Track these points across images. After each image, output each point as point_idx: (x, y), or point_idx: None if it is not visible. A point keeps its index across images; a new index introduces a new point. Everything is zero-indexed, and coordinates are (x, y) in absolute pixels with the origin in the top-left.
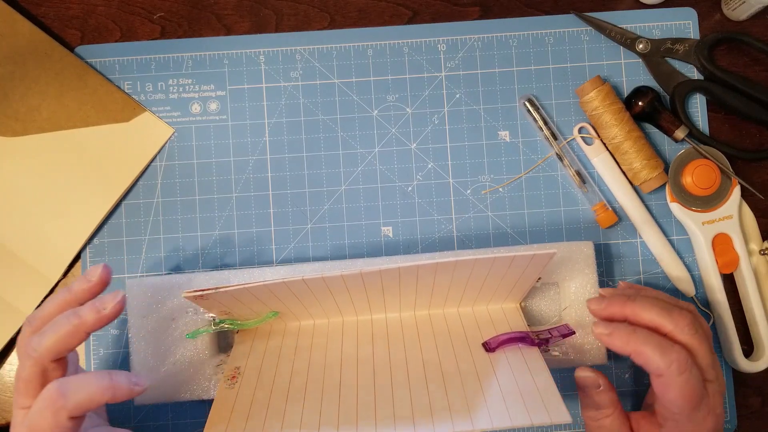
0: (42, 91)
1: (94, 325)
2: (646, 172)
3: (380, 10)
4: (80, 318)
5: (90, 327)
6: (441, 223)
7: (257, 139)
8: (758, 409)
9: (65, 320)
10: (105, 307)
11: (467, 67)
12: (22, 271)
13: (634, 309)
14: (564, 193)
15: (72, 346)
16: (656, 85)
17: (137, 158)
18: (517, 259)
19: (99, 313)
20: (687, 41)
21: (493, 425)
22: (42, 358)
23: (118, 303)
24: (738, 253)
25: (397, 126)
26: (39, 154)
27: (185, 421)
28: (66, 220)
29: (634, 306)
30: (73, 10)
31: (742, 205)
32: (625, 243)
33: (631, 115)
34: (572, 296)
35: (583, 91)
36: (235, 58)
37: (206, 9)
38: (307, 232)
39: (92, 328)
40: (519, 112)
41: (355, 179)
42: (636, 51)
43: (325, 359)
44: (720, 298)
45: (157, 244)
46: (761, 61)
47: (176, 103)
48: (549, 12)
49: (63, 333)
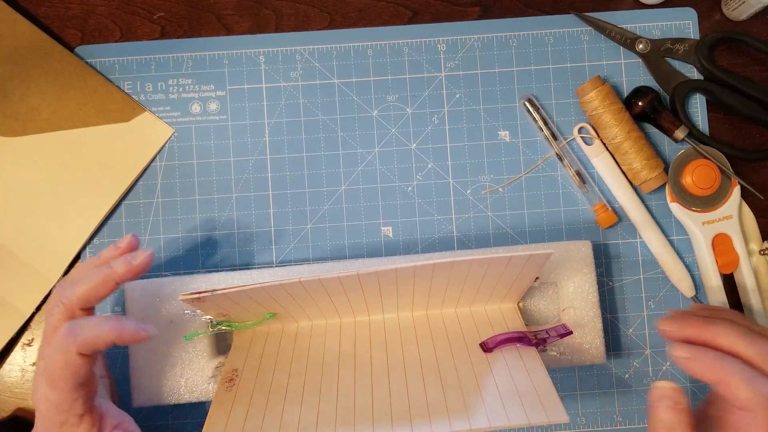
0: (42, 91)
1: (124, 275)
2: (646, 172)
3: (380, 10)
4: (111, 268)
5: (120, 277)
6: (441, 223)
7: (257, 139)
8: None
9: (97, 270)
10: (135, 259)
11: (467, 67)
12: (22, 271)
13: (712, 332)
14: (564, 193)
15: (102, 295)
16: (656, 85)
17: (137, 158)
18: (514, 259)
19: (129, 264)
20: (687, 41)
21: (491, 425)
22: (72, 304)
23: (148, 256)
24: (738, 253)
25: (397, 126)
26: (39, 154)
27: (184, 422)
28: (66, 220)
29: (712, 329)
30: (73, 10)
31: (742, 205)
32: (625, 243)
33: (631, 115)
34: (571, 296)
35: (583, 91)
36: (235, 58)
37: (206, 9)
38: (307, 232)
39: (122, 279)
40: (519, 112)
41: (355, 179)
42: (636, 51)
43: (322, 360)
44: (720, 298)
45: (157, 244)
46: (761, 61)
47: (176, 103)
48: (549, 12)
49: (94, 282)
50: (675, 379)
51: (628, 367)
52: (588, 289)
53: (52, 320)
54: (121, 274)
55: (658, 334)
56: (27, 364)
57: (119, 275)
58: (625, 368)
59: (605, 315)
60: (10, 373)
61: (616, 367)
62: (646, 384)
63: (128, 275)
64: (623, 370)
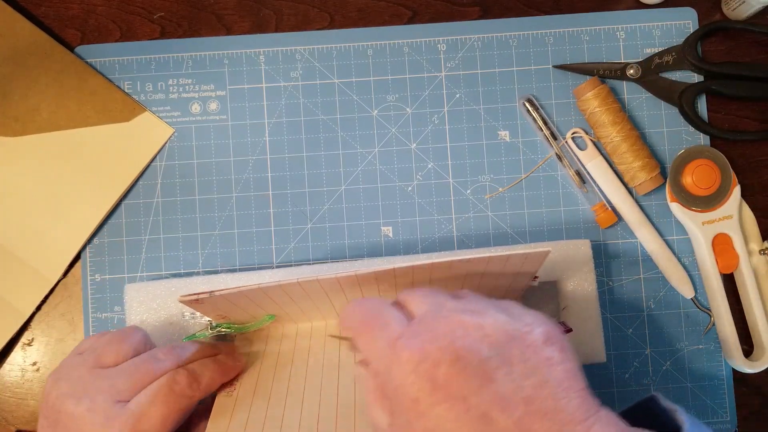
0: (42, 91)
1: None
2: (645, 173)
3: (380, 10)
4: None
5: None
6: (441, 223)
7: (257, 139)
8: (758, 409)
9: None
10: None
11: (467, 67)
12: (22, 271)
13: None
14: (564, 193)
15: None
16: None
17: (137, 158)
18: (512, 257)
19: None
20: (673, 49)
21: None
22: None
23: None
24: (738, 253)
25: (397, 126)
26: (39, 154)
27: None
28: (66, 220)
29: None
30: (73, 10)
31: (742, 205)
32: (624, 243)
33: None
34: (570, 295)
35: (580, 92)
36: (235, 58)
37: (206, 9)
38: (307, 232)
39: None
40: (519, 112)
41: (355, 179)
42: (629, 78)
43: (323, 362)
44: (720, 298)
45: (157, 244)
46: (746, 39)
47: (176, 103)
48: (549, 12)
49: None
50: (675, 379)
51: (628, 366)
52: (587, 288)
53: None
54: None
55: (659, 334)
56: (27, 364)
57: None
58: (625, 368)
59: (605, 315)
60: (10, 373)
61: (616, 366)
62: (646, 384)
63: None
64: (623, 370)
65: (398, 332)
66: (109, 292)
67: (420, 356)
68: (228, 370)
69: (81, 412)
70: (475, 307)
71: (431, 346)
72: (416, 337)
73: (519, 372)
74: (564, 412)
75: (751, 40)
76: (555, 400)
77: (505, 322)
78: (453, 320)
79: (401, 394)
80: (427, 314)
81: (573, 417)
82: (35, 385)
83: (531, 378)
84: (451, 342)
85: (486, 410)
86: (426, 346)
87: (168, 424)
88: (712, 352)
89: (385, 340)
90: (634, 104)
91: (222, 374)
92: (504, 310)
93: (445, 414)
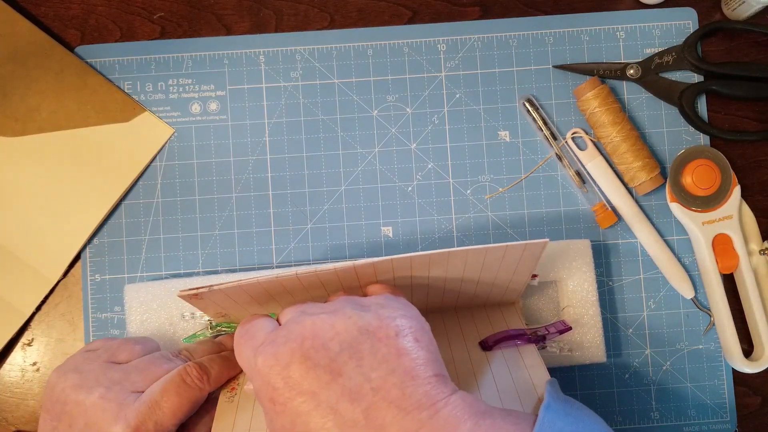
0: (42, 91)
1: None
2: (644, 173)
3: (380, 10)
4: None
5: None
6: (441, 223)
7: (257, 139)
8: (758, 409)
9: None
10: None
11: (467, 67)
12: (22, 271)
13: None
14: (564, 193)
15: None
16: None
17: (137, 158)
18: (510, 249)
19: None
20: (673, 49)
21: None
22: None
23: None
24: (738, 253)
25: (397, 126)
26: (39, 154)
27: None
28: (66, 220)
29: None
30: (73, 10)
31: (742, 205)
32: (624, 243)
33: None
34: (570, 294)
35: (580, 92)
36: (235, 58)
37: (206, 9)
38: (307, 232)
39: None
40: (519, 112)
41: (355, 179)
42: (629, 78)
43: None
44: (720, 298)
45: (157, 244)
46: (746, 39)
47: (176, 103)
48: (549, 12)
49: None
50: (675, 379)
51: (628, 367)
52: (587, 288)
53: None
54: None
55: (659, 334)
56: (27, 364)
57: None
58: (625, 368)
59: (605, 315)
60: (10, 373)
61: (616, 366)
62: (646, 384)
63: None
64: (623, 370)
65: (261, 341)
66: (109, 292)
67: (273, 360)
68: (234, 365)
69: (93, 400)
70: (333, 308)
71: (283, 349)
72: (272, 343)
73: (368, 364)
74: (411, 399)
75: (751, 40)
76: (401, 388)
77: (358, 318)
78: (306, 323)
79: (261, 397)
80: (288, 321)
81: (420, 403)
82: (35, 385)
83: (379, 369)
84: (301, 343)
85: (335, 403)
86: (278, 350)
87: (179, 414)
88: (712, 352)
89: (250, 350)
90: (634, 104)
91: (229, 368)
92: (364, 306)
93: (298, 409)
